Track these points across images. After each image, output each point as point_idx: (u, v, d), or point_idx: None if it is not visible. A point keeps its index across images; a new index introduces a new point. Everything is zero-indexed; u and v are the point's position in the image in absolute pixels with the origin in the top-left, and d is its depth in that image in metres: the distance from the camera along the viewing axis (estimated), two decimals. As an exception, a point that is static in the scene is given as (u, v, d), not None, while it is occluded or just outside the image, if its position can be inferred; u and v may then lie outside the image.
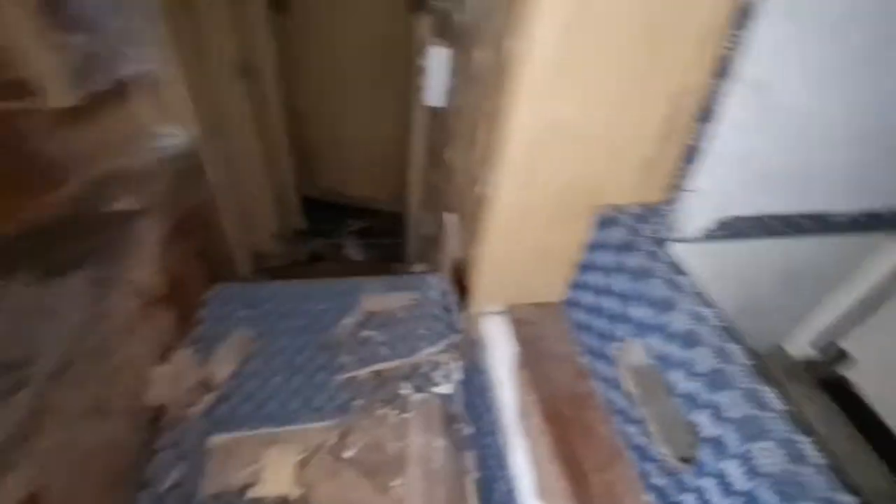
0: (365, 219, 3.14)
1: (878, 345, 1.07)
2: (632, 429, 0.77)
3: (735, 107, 0.67)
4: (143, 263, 1.07)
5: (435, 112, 1.49)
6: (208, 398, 1.12)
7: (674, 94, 0.72)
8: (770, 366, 1.24)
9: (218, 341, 1.26)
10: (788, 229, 0.83)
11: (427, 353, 1.27)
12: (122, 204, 1.11)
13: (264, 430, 1.10)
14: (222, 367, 1.20)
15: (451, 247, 1.32)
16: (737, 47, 0.63)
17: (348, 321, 1.35)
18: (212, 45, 1.76)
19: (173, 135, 1.34)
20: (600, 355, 0.87)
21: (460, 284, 1.30)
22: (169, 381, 1.08)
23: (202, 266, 1.49)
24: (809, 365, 1.24)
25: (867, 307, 1.07)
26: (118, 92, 1.16)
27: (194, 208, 1.44)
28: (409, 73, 2.50)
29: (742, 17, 0.62)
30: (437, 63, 1.34)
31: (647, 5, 0.63)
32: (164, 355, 1.14)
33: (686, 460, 0.65)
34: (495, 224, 0.89)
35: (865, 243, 0.96)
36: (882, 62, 0.66)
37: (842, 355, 1.18)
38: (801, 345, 1.22)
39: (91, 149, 1.15)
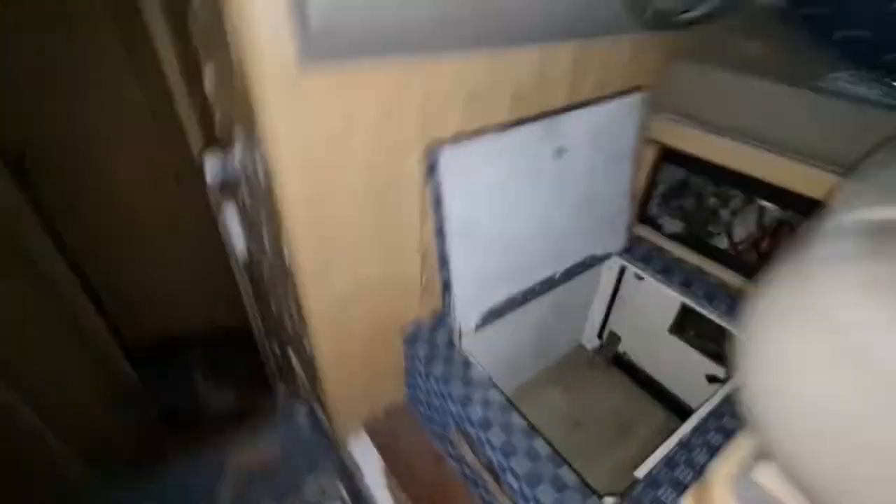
0: (208, 344, 2.95)
1: (626, 322, 1.54)
2: (486, 495, 0.99)
3: (456, 249, 0.94)
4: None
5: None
6: None
7: (418, 248, 0.97)
8: (577, 357, 1.68)
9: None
10: (532, 296, 1.16)
11: (313, 486, 1.35)
12: None
13: None
14: None
15: (301, 378, 1.42)
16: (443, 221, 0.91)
17: (225, 490, 1.34)
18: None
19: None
20: (445, 440, 1.08)
21: (323, 407, 1.40)
22: None
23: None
24: (599, 350, 1.69)
25: (617, 302, 1.54)
26: None
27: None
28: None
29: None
30: (231, 220, 1.43)
31: (371, 214, 0.86)
32: None
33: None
34: (326, 369, 1.05)
35: (597, 271, 1.38)
36: (531, 196, 1.01)
37: (614, 336, 1.65)
38: (591, 339, 1.66)
39: None
